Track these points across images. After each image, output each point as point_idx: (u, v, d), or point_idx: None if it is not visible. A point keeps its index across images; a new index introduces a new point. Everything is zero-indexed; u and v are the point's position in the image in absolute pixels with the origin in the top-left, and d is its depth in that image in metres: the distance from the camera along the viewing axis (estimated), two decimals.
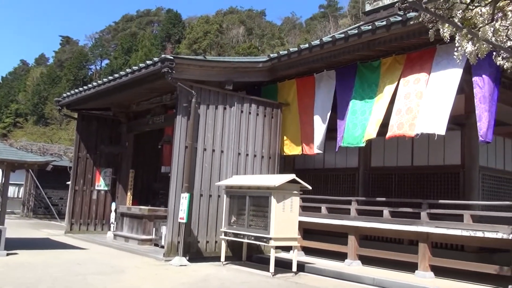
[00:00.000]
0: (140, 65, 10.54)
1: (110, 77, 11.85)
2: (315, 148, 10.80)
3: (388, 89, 9.33)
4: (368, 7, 15.86)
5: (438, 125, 8.19)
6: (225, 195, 9.85)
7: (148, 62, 10.15)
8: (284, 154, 11.77)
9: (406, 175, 10.88)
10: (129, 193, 13.84)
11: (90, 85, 12.95)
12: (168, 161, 12.43)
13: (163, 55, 9.87)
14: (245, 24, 66.01)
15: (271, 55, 11.68)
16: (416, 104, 8.67)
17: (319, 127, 10.72)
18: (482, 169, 9.72)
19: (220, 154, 10.64)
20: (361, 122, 9.66)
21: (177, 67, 9.61)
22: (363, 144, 9.67)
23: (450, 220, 8.42)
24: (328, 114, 10.56)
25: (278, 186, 8.51)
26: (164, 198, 12.07)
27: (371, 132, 9.36)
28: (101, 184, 14.50)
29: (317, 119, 10.80)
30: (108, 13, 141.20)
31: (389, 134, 8.97)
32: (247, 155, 11.12)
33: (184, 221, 9.51)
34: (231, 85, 10.88)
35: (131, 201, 13.78)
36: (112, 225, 13.53)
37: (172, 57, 9.60)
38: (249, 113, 11.22)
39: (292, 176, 8.87)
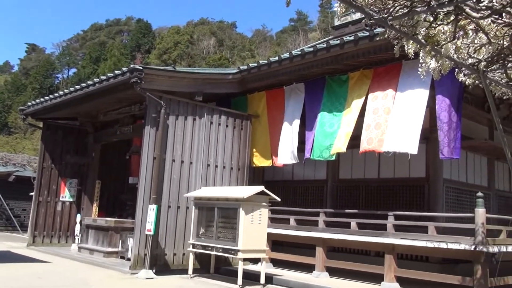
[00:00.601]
0: (109, 74, 10.41)
1: (78, 86, 11.66)
2: (288, 159, 10.83)
3: (356, 103, 9.51)
4: (337, 22, 16.20)
5: (409, 144, 8.38)
6: (193, 207, 9.78)
7: (116, 72, 10.04)
8: (254, 165, 11.80)
9: (373, 187, 11.04)
10: (95, 205, 13.57)
11: (56, 94, 12.69)
12: (136, 172, 12.25)
13: (132, 65, 9.79)
14: (216, 35, 66.22)
15: (241, 67, 11.75)
16: (384, 120, 8.85)
17: (290, 139, 10.79)
18: (446, 181, 9.96)
19: (189, 165, 10.58)
20: (330, 135, 9.80)
21: (146, 78, 9.54)
22: (333, 158, 9.80)
23: (415, 232, 8.57)
24: (298, 126, 10.66)
25: (246, 198, 8.51)
26: (131, 209, 11.87)
27: (340, 146, 9.48)
28: (66, 195, 14.16)
29: (288, 131, 10.88)
30: (76, 22, 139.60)
31: (361, 149, 9.16)
32: (216, 166, 11.09)
33: (151, 233, 9.38)
34: (201, 96, 10.87)
35: (97, 213, 13.51)
36: (76, 237, 13.22)
37: (141, 67, 9.53)
38: (219, 124, 11.22)
39: (261, 188, 8.89)
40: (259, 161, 11.69)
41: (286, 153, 10.84)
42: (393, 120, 8.73)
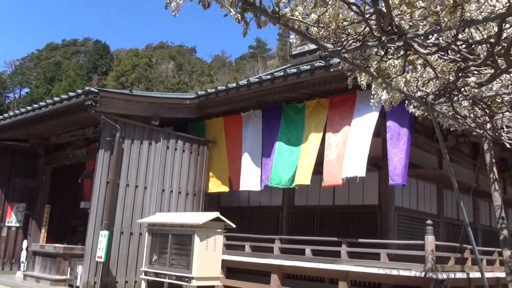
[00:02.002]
0: (63, 96, 10.16)
1: (29, 107, 11.30)
2: (251, 185, 10.76)
3: (315, 134, 9.65)
4: (295, 51, 16.57)
5: (358, 168, 8.58)
6: (146, 233, 9.56)
7: (71, 93, 9.83)
8: (210, 191, 11.70)
9: (328, 214, 11.17)
10: (43, 230, 13.01)
11: (6, 115, 12.24)
12: (88, 196, 11.89)
13: (87, 88, 9.62)
14: (175, 59, 66.19)
15: (199, 92, 11.76)
16: (343, 152, 9.04)
17: (253, 166, 10.77)
18: (398, 209, 10.21)
19: (144, 190, 10.38)
20: (290, 164, 9.87)
21: (101, 100, 9.38)
22: (293, 185, 9.87)
23: (368, 259, 8.69)
24: (258, 153, 10.69)
25: (201, 224, 8.40)
26: (82, 235, 11.47)
27: (303, 177, 9.57)
28: (12, 220, 13.52)
29: (246, 158, 10.88)
30: (31, 41, 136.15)
31: (324, 184, 9.30)
32: (172, 192, 10.93)
33: (102, 260, 9.08)
34: (157, 121, 10.77)
35: (45, 239, 12.95)
36: (22, 265, 12.57)
37: (96, 90, 9.37)
38: (175, 149, 11.11)
39: (216, 214, 8.81)
40: (216, 187, 11.61)
41: (249, 180, 10.78)
42: (348, 151, 8.94)
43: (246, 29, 2.98)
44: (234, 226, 9.10)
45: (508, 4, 2.51)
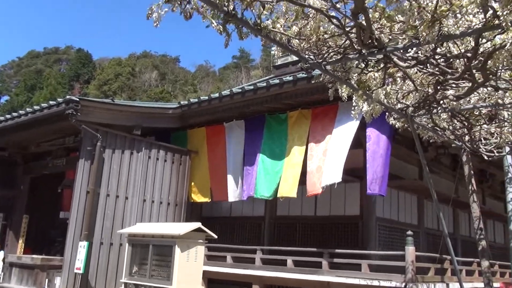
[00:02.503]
0: (43, 105, 10.02)
1: (9, 116, 11.11)
2: (230, 196, 10.74)
3: (299, 145, 9.69)
4: (278, 62, 16.67)
5: (335, 175, 8.64)
6: (127, 244, 9.44)
7: (51, 102, 9.70)
8: (192, 201, 11.64)
9: (309, 224, 11.18)
10: (21, 241, 12.75)
11: None
12: (67, 206, 11.70)
13: (68, 96, 9.51)
14: (159, 68, 65.96)
15: (182, 102, 11.73)
16: (322, 162, 9.09)
17: (232, 176, 10.74)
18: (379, 219, 10.27)
19: (125, 200, 10.27)
20: (274, 175, 9.88)
21: (82, 109, 9.28)
22: (277, 197, 9.86)
23: (350, 269, 8.71)
24: (240, 163, 10.68)
25: (182, 235, 8.33)
26: (61, 246, 11.26)
27: (288, 190, 9.57)
28: None
29: (229, 168, 10.85)
30: (12, 48, 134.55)
31: (308, 193, 9.34)
32: (153, 202, 10.83)
33: (81, 271, 8.93)
34: (139, 130, 10.69)
35: (23, 250, 12.69)
36: None
37: (77, 99, 9.27)
38: (157, 159, 11.03)
39: (198, 224, 8.75)
40: (198, 197, 11.54)
41: (231, 190, 10.74)
42: (328, 159, 8.99)
43: (228, 40, 3.00)
44: (215, 236, 9.04)
45: (484, 20, 2.57)
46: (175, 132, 12.13)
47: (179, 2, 2.63)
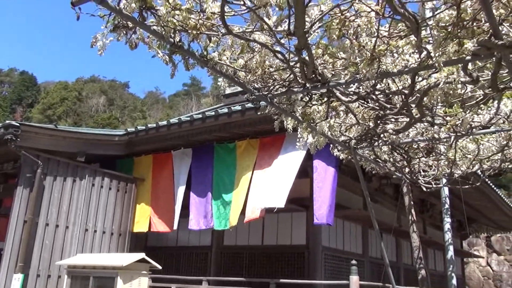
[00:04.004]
0: None
1: None
2: (168, 226, 10.56)
3: (246, 175, 9.71)
4: (228, 90, 16.79)
5: (279, 199, 8.69)
6: (66, 276, 9.01)
7: None
8: (135, 231, 11.30)
9: (257, 254, 11.13)
10: None
11: None
12: (2, 236, 11.08)
13: (7, 121, 9.13)
14: (107, 94, 64.85)
15: (129, 129, 11.52)
16: (265, 188, 9.14)
17: (178, 205, 10.56)
18: (325, 249, 10.38)
19: (65, 230, 9.85)
20: (227, 205, 9.81)
21: (23, 135, 8.92)
22: (227, 227, 9.76)
23: None
24: (183, 192, 10.54)
25: (125, 266, 8.06)
26: None
27: (235, 219, 9.53)
28: None
29: (175, 197, 10.67)
30: None
31: (246, 219, 9.30)
32: (95, 231, 10.44)
33: None
34: (83, 157, 10.38)
35: None
36: None
37: (17, 124, 8.91)
38: (101, 187, 10.71)
39: (142, 255, 8.51)
40: (139, 226, 11.21)
41: (175, 219, 10.53)
42: (271, 184, 9.06)
43: (174, 71, 3.00)
44: (160, 267, 8.81)
45: (419, 60, 2.71)
46: (121, 159, 11.85)
47: (124, 32, 2.62)
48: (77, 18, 2.45)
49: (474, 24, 2.38)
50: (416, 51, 2.68)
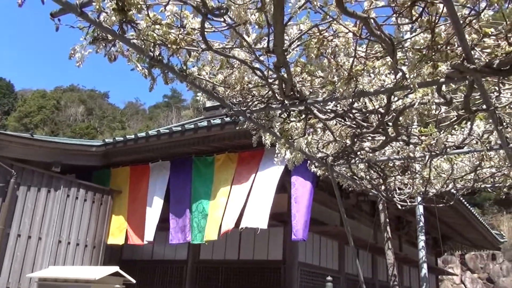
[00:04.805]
0: None
1: None
2: (144, 238, 10.43)
3: (223, 189, 9.68)
4: (208, 104, 16.78)
5: (260, 220, 8.69)
6: None
7: None
8: (109, 243, 11.12)
9: (233, 268, 11.05)
10: None
11: None
12: None
13: None
14: (86, 103, 64.10)
15: (107, 140, 11.40)
16: (243, 202, 9.13)
17: (151, 218, 10.47)
18: (301, 264, 10.37)
19: (37, 241, 9.63)
20: (203, 219, 9.73)
21: None
22: (203, 241, 9.67)
23: None
24: (161, 205, 10.44)
25: (98, 280, 7.90)
26: None
27: (212, 233, 9.44)
28: None
29: (151, 210, 10.56)
30: None
31: (222, 231, 9.23)
32: (69, 243, 10.24)
33: None
34: (59, 167, 10.22)
35: None
36: None
37: None
38: (77, 198, 10.53)
39: (115, 268, 8.35)
40: (114, 239, 11.04)
41: (148, 232, 10.42)
42: (251, 201, 9.06)
43: (152, 84, 3.00)
44: (134, 281, 8.66)
45: (395, 81, 2.77)
46: (98, 170, 11.70)
47: (104, 44, 2.61)
48: (56, 29, 2.45)
49: (448, 48, 2.45)
50: (392, 72, 2.74)
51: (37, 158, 9.86)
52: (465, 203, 13.77)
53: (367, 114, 3.54)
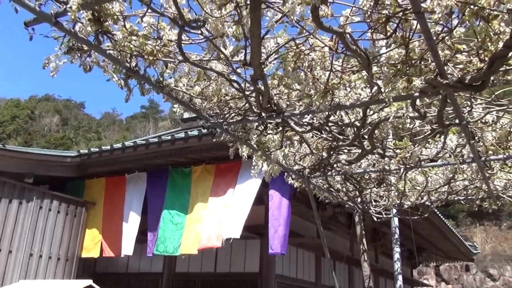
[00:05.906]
0: None
1: None
2: (122, 251, 10.24)
3: (201, 201, 9.59)
4: (186, 115, 16.70)
5: (235, 230, 8.64)
6: None
7: None
8: (83, 256, 10.88)
9: (209, 281, 10.95)
10: None
11: None
12: None
13: None
14: (61, 113, 63.08)
15: (81, 151, 11.21)
16: (222, 216, 9.06)
17: (128, 230, 10.29)
18: (278, 277, 10.34)
19: (8, 254, 9.36)
20: (176, 231, 9.59)
21: None
22: (178, 254, 9.53)
23: None
24: (139, 217, 10.28)
25: None
26: None
27: (190, 246, 9.28)
28: None
29: (125, 222, 10.40)
30: None
31: (199, 247, 9.10)
32: (41, 256, 9.99)
33: None
34: (31, 178, 9.99)
35: None
36: None
37: None
38: (49, 210, 10.29)
39: (89, 282, 8.17)
40: (88, 252, 10.80)
41: (126, 245, 10.22)
42: (228, 214, 9.00)
43: (129, 95, 2.98)
44: None
45: (371, 94, 2.81)
46: (72, 181, 11.48)
47: (79, 55, 2.58)
48: (30, 39, 2.41)
49: (422, 63, 2.50)
50: (368, 86, 2.78)
51: (9, 169, 9.63)
52: (440, 215, 13.98)
53: (343, 127, 3.58)
